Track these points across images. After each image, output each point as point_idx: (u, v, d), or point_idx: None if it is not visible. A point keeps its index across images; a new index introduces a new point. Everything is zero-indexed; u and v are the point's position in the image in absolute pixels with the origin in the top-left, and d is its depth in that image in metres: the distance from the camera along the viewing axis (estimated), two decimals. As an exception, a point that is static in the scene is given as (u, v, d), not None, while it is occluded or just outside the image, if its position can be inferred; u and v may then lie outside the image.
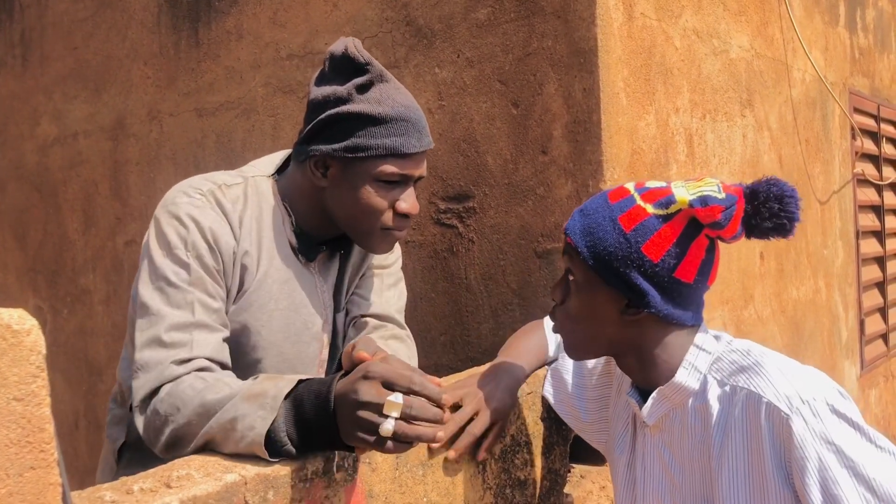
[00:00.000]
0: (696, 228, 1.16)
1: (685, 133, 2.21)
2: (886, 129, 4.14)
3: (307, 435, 1.05)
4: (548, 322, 1.61)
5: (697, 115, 2.29)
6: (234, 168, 1.46)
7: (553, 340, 1.58)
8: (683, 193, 1.15)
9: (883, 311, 4.07)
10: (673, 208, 1.16)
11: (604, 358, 1.45)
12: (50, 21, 3.19)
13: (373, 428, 0.97)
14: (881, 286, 4.06)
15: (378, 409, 0.97)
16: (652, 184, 1.21)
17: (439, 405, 1.01)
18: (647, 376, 1.24)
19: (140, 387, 1.18)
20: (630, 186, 1.21)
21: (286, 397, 1.06)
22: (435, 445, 0.94)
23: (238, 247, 1.31)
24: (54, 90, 3.17)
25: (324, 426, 1.03)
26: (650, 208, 1.17)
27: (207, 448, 1.11)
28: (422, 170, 1.36)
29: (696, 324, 1.23)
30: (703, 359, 1.20)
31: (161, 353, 1.18)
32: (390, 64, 2.14)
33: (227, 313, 1.30)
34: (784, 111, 2.92)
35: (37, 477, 0.77)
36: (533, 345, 1.55)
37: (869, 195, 3.95)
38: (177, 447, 1.14)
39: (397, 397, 0.97)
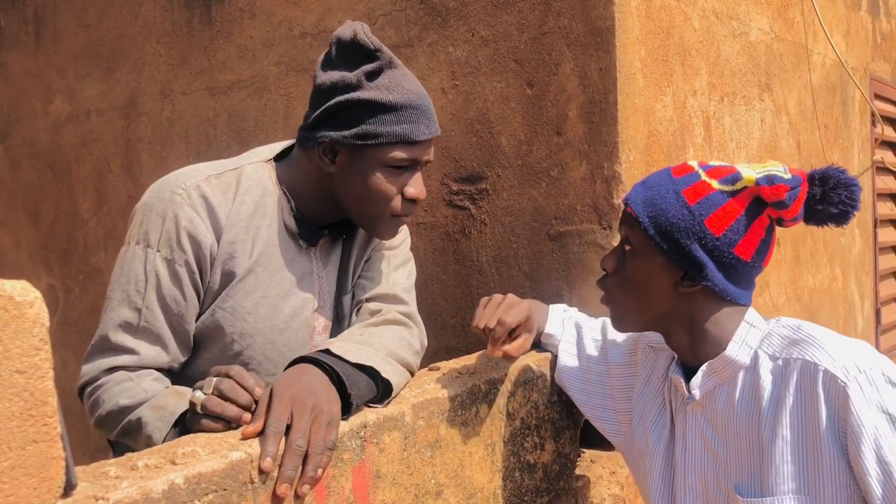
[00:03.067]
0: (760, 207, 1.19)
1: (703, 116, 2.18)
2: (907, 116, 4.07)
3: None
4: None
5: (715, 98, 2.25)
6: (245, 146, 1.45)
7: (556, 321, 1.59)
8: (750, 172, 1.18)
9: (900, 301, 4.03)
10: (739, 185, 1.19)
11: (628, 349, 1.46)
12: (63, -2, 3.17)
13: (195, 404, 1.10)
14: (898, 275, 4.01)
15: (201, 387, 1.11)
16: (715, 162, 1.24)
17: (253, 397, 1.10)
18: (695, 351, 1.26)
19: (81, 376, 1.33)
20: (694, 164, 1.25)
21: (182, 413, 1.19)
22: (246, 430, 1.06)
23: (221, 240, 1.31)
24: (67, 68, 3.16)
25: None
26: (715, 184, 1.20)
27: (126, 435, 1.25)
28: (429, 154, 1.38)
29: (746, 303, 1.25)
30: (753, 335, 1.23)
31: (98, 359, 1.30)
32: (403, 43, 2.11)
33: (205, 305, 1.33)
34: (803, 96, 2.87)
35: (39, 451, 0.76)
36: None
37: (888, 183, 3.89)
38: (103, 428, 1.30)
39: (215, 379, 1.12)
